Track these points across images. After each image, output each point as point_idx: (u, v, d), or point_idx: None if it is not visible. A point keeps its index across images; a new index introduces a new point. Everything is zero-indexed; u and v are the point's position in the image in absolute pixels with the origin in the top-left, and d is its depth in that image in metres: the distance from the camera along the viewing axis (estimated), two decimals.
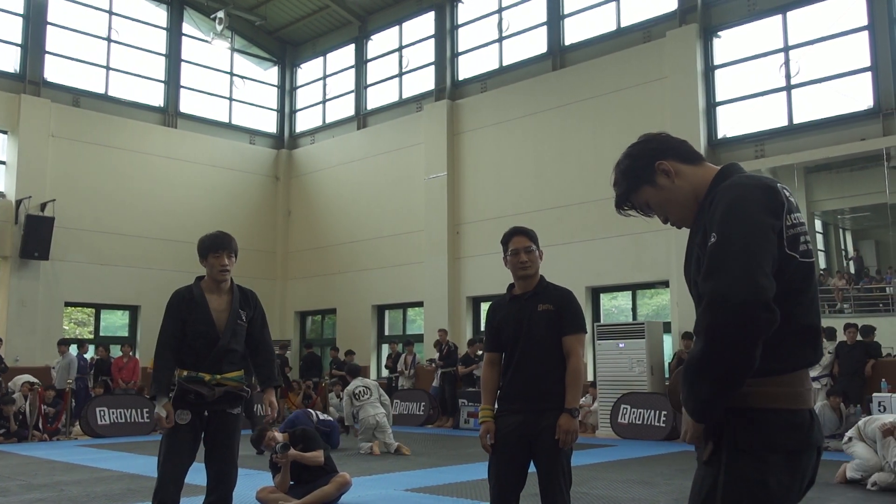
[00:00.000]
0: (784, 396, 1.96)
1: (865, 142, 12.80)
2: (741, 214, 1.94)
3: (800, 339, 2.00)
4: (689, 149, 2.24)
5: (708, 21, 14.59)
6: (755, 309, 1.82)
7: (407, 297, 18.53)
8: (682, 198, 2.19)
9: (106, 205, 18.20)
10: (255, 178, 21.17)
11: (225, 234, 4.60)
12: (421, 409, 15.71)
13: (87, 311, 18.79)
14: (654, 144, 2.25)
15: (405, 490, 7.63)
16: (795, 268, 1.98)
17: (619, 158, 2.31)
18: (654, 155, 2.21)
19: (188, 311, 4.50)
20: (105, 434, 13.59)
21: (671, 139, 2.26)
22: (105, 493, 7.56)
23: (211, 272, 4.56)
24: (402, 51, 19.81)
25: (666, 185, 2.19)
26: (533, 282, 4.06)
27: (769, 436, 1.94)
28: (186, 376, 4.39)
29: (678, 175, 2.18)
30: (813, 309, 2.04)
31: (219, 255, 4.52)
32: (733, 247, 1.89)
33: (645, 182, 2.22)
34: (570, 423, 3.75)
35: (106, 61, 19.08)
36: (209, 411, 4.41)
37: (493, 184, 17.14)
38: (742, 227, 1.92)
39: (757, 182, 2.04)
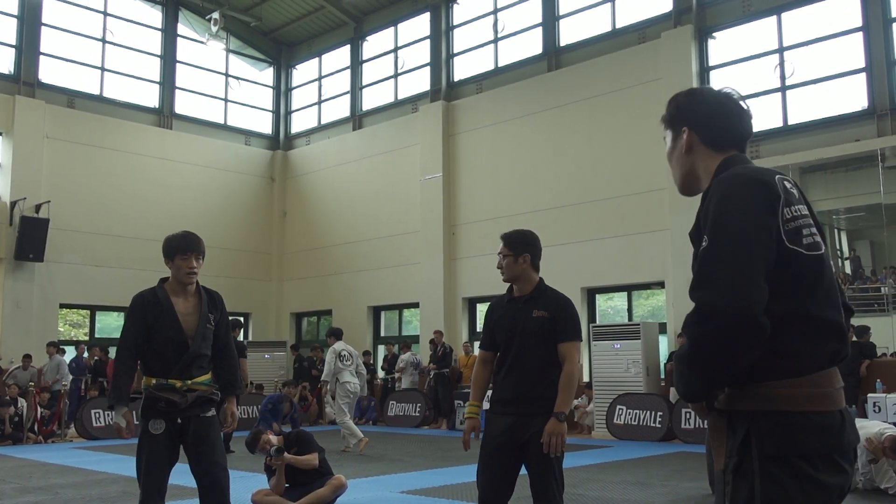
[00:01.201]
0: (810, 398, 1.87)
1: (860, 142, 12.83)
2: (731, 216, 1.88)
3: (820, 335, 1.91)
4: (723, 132, 2.12)
5: (703, 22, 14.61)
6: (741, 325, 1.79)
7: (403, 298, 18.52)
8: (686, 171, 2.19)
9: (101, 206, 18.17)
10: (251, 179, 21.15)
11: (193, 235, 4.45)
12: (416, 410, 15.71)
13: (83, 312, 18.75)
14: (698, 110, 2.16)
15: (401, 492, 7.62)
16: (802, 262, 1.91)
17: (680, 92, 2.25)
18: (687, 119, 2.17)
19: (154, 315, 4.29)
20: (100, 436, 13.56)
21: (716, 115, 2.13)
22: (100, 496, 7.54)
23: (177, 274, 4.36)
24: (397, 52, 19.80)
25: (678, 149, 2.19)
26: (528, 286, 4.05)
27: (798, 440, 1.85)
28: (156, 384, 4.22)
29: (692, 151, 2.16)
30: (830, 303, 1.95)
31: (187, 256, 4.34)
32: (722, 255, 1.85)
33: (671, 129, 2.22)
34: (557, 427, 3.73)
35: (101, 62, 19.04)
36: (182, 418, 4.26)
37: (488, 185, 17.14)
38: (731, 231, 1.87)
39: (749, 176, 1.96)
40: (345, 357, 11.45)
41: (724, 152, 2.11)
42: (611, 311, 16.08)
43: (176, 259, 4.34)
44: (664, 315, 14.52)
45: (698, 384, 1.89)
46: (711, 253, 1.88)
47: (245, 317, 20.57)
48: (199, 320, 4.36)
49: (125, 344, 4.27)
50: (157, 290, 4.40)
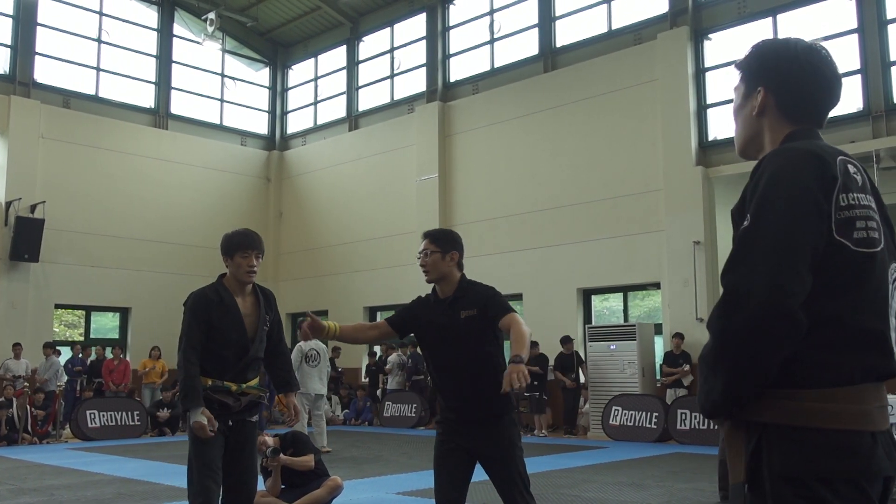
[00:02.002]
0: (831, 414, 1.64)
1: (855, 144, 12.84)
2: (780, 194, 1.67)
3: (852, 344, 1.68)
4: (802, 101, 1.87)
5: (699, 23, 14.63)
6: (775, 316, 1.59)
7: (399, 298, 18.39)
8: (751, 135, 1.95)
9: (96, 207, 18.13)
10: (247, 179, 21.13)
11: (254, 233, 4.34)
12: (412, 411, 15.70)
13: (78, 313, 18.72)
14: (783, 69, 1.87)
15: (397, 493, 7.62)
16: (846, 258, 1.68)
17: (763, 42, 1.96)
18: (768, 78, 1.89)
19: (218, 315, 4.15)
20: (96, 437, 13.54)
21: (801, 80, 1.86)
22: (95, 498, 7.53)
23: (236, 272, 4.24)
24: (393, 52, 19.80)
25: (749, 109, 1.93)
26: (451, 286, 3.92)
27: (814, 460, 1.63)
28: (212, 385, 4.10)
29: (764, 115, 1.90)
30: (874, 309, 1.71)
31: (247, 254, 4.22)
32: (764, 237, 1.64)
33: (745, 83, 1.96)
34: (517, 367, 3.36)
35: (96, 62, 19.00)
36: (233, 421, 4.18)
37: (484, 185, 17.14)
38: (778, 211, 1.65)
39: (808, 151, 1.74)
40: (311, 357, 11.25)
41: (798, 123, 1.87)
42: (606, 312, 16.10)
43: (236, 257, 4.22)
44: (660, 316, 14.54)
45: (720, 392, 1.67)
46: (752, 233, 1.67)
47: None
48: (257, 322, 4.26)
49: (191, 344, 4.11)
50: (218, 288, 4.26)
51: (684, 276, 13.75)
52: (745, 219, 1.72)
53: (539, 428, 13.59)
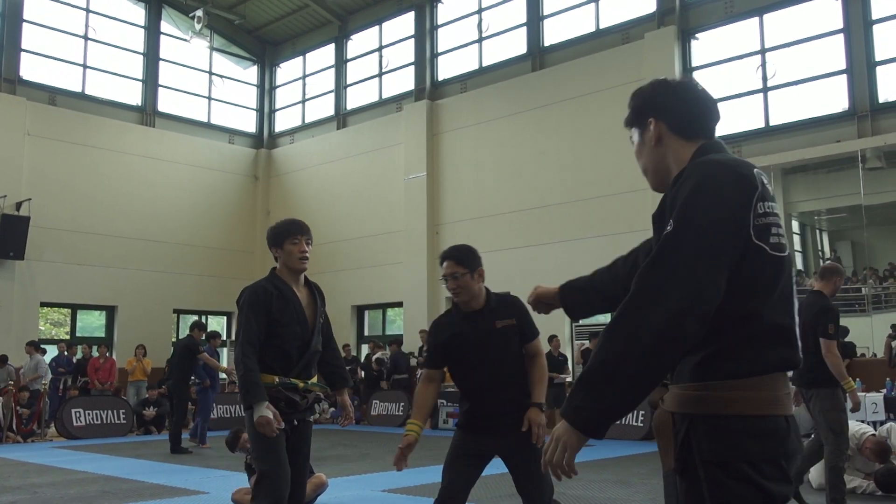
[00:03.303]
0: (752, 401, 1.77)
1: (841, 143, 12.93)
2: (702, 204, 1.77)
3: (770, 339, 1.81)
4: (691, 117, 2.01)
5: (686, 23, 14.68)
6: (689, 320, 1.70)
7: (386, 297, 18.51)
8: (657, 164, 2.07)
9: (82, 204, 18.03)
10: (234, 177, 21.06)
11: (300, 220, 4.21)
12: (400, 409, 15.69)
13: (64, 311, 18.61)
14: (663, 98, 2.05)
15: (382, 491, 7.61)
16: (763, 261, 1.80)
17: (643, 86, 2.14)
18: (653, 109, 2.05)
19: (279, 308, 3.94)
20: (81, 436, 13.47)
21: (682, 101, 2.02)
22: (79, 495, 7.48)
23: (288, 261, 4.05)
24: (381, 51, 19.78)
25: (647, 141, 2.07)
26: (478, 299, 3.93)
27: (740, 445, 1.75)
28: (280, 383, 3.91)
29: (661, 142, 2.03)
30: (784, 308, 1.85)
31: (297, 240, 4.06)
32: (686, 244, 1.74)
33: (636, 125, 2.11)
34: (539, 416, 3.75)
35: (83, 60, 18.91)
36: (297, 420, 3.99)
37: (472, 184, 17.15)
38: (700, 221, 1.76)
39: (728, 164, 1.85)
40: None
41: (697, 140, 1.99)
42: None
43: (286, 245, 4.06)
44: None
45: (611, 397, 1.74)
46: (674, 239, 1.76)
47: (228, 315, 20.49)
48: (315, 314, 4.12)
49: (249, 339, 3.88)
50: (273, 280, 4.07)
51: None
52: (667, 224, 1.81)
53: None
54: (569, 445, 1.79)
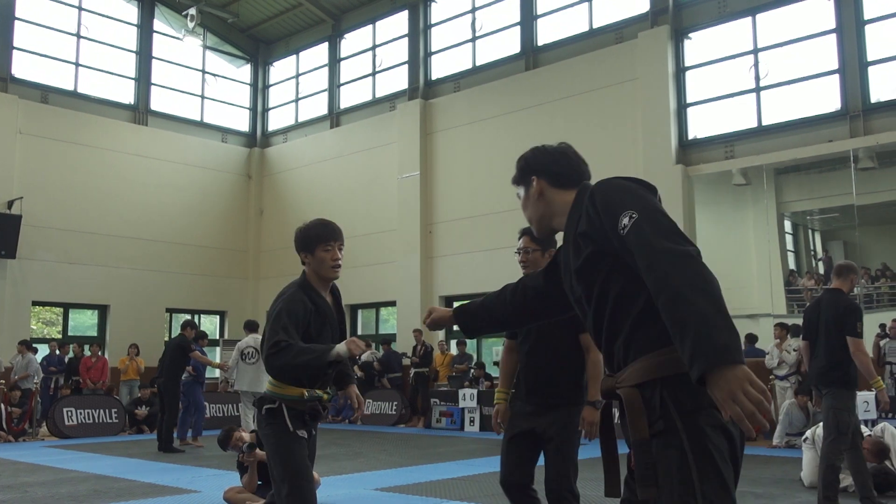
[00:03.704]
0: None
1: (833, 143, 12.96)
2: (633, 195, 2.12)
3: None
4: (564, 173, 2.45)
5: (679, 22, 14.70)
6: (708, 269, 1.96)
7: (380, 296, 18.49)
8: (538, 214, 2.49)
9: (75, 203, 17.97)
10: (227, 176, 21.02)
11: (332, 222, 3.94)
12: (393, 408, 15.69)
13: (56, 310, 18.54)
14: (539, 160, 2.50)
15: (375, 489, 7.61)
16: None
17: (525, 152, 2.57)
18: (535, 170, 2.49)
19: (317, 326, 3.73)
20: (72, 435, 13.42)
21: (555, 162, 2.48)
22: (70, 495, 7.46)
23: (319, 269, 3.82)
24: (375, 50, 19.76)
25: (532, 196, 2.49)
26: None
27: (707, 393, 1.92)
28: (308, 396, 3.74)
29: (542, 196, 2.46)
30: None
31: (331, 247, 3.82)
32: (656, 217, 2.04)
33: (523, 183, 2.55)
34: (594, 415, 3.86)
35: (75, 58, 18.83)
36: (314, 429, 3.88)
37: (465, 183, 17.14)
38: (645, 203, 2.09)
39: (624, 177, 2.26)
40: (248, 354, 11.03)
41: (571, 188, 2.41)
42: None
43: (317, 251, 3.80)
44: None
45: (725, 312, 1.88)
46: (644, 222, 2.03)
47: (221, 315, 20.46)
48: (341, 322, 3.96)
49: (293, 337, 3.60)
50: (308, 292, 3.79)
51: None
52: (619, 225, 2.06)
53: None
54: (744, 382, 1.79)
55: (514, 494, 3.93)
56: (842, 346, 5.84)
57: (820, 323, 6.08)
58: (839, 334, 5.86)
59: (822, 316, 6.08)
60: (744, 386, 1.78)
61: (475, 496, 7.10)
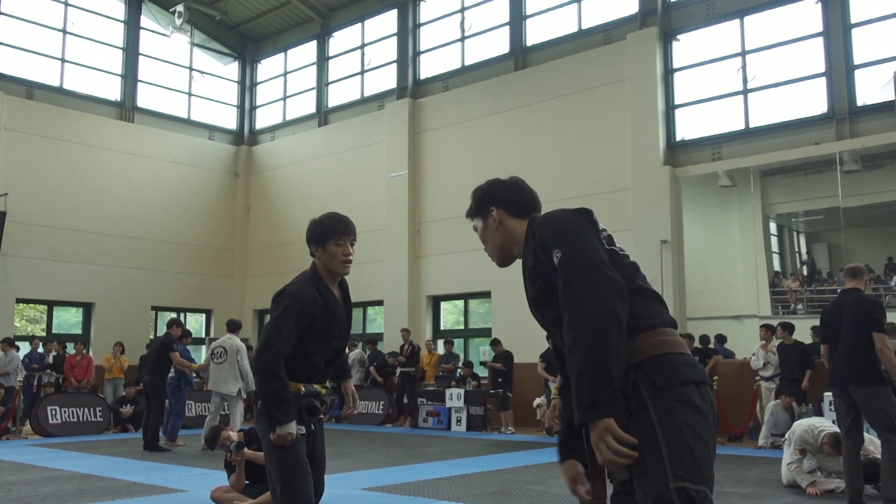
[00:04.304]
0: (673, 343, 2.27)
1: (819, 146, 13.04)
2: (570, 229, 2.34)
3: (659, 301, 2.38)
4: (521, 202, 2.64)
5: (668, 24, 14.75)
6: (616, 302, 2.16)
7: (367, 295, 18.43)
8: (498, 243, 2.64)
9: (60, 200, 17.85)
10: (214, 174, 20.92)
11: (345, 217, 3.87)
12: (380, 408, 15.67)
13: (40, 307, 18.41)
14: (497, 191, 2.67)
15: (362, 489, 7.59)
16: (620, 257, 2.41)
17: (480, 185, 2.73)
18: (494, 200, 2.65)
19: (323, 320, 3.68)
20: (56, 433, 13.33)
21: (513, 192, 2.67)
22: (55, 493, 7.40)
23: (329, 263, 3.75)
24: (363, 48, 19.73)
25: (491, 226, 2.63)
26: None
27: (679, 372, 2.20)
28: (305, 391, 3.70)
29: (501, 224, 2.62)
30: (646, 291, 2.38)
31: (342, 241, 3.75)
32: (578, 254, 2.25)
33: (479, 216, 2.67)
34: None
35: (61, 54, 18.70)
36: (314, 424, 3.85)
37: (454, 183, 17.12)
38: (573, 235, 2.31)
39: (564, 209, 2.47)
40: (217, 354, 10.93)
41: (527, 217, 2.59)
42: None
43: (329, 245, 3.74)
44: None
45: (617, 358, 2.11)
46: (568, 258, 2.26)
47: (207, 313, 20.37)
48: (348, 318, 3.90)
49: (280, 351, 3.57)
50: (318, 285, 3.74)
51: (651, 274, 13.82)
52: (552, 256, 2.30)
53: (505, 425, 13.62)
54: (605, 434, 2.10)
55: None
56: (871, 342, 5.84)
57: (843, 322, 6.05)
58: (868, 330, 5.86)
59: (845, 315, 6.06)
60: (604, 438, 2.09)
61: (462, 496, 7.09)
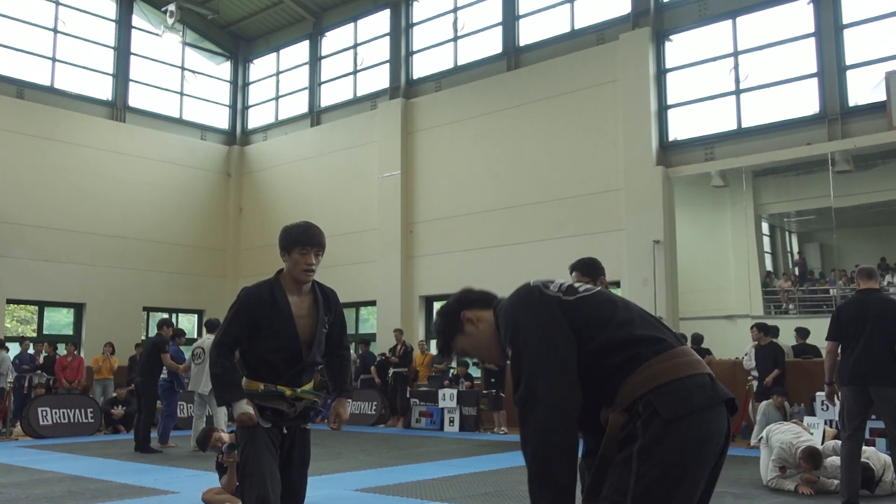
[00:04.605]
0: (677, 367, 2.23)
1: (811, 146, 13.07)
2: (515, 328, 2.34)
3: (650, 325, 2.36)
4: (483, 296, 2.60)
5: (660, 25, 14.76)
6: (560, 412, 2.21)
7: (360, 296, 18.42)
8: (487, 338, 2.54)
9: (51, 200, 17.76)
10: (207, 174, 20.85)
11: (316, 227, 4.00)
12: (373, 408, 15.63)
13: (31, 308, 18.32)
14: (459, 299, 2.61)
15: (355, 490, 7.56)
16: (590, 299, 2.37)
17: (434, 319, 2.67)
18: (459, 307, 2.58)
19: (269, 318, 3.82)
20: (47, 435, 13.25)
21: (470, 293, 2.63)
22: (45, 495, 7.36)
23: (293, 270, 3.91)
24: (356, 48, 19.69)
25: (472, 331, 2.55)
26: None
27: (688, 399, 2.18)
28: (264, 390, 3.80)
29: (480, 320, 2.54)
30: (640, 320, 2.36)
31: (306, 251, 3.89)
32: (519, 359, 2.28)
33: (456, 332, 2.57)
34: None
35: (52, 53, 18.61)
36: (287, 428, 3.89)
37: (446, 183, 17.13)
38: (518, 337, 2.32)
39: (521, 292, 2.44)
40: (196, 355, 10.94)
41: (492, 305, 2.56)
42: None
43: (293, 253, 3.89)
44: None
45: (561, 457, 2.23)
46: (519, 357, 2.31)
47: (199, 314, 20.30)
48: (315, 325, 3.94)
49: (225, 340, 3.84)
50: (273, 286, 3.93)
51: (644, 274, 13.87)
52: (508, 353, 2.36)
53: (498, 425, 13.60)
54: None
55: None
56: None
57: (868, 322, 5.97)
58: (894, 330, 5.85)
59: (870, 315, 5.99)
60: None
61: (455, 497, 7.08)
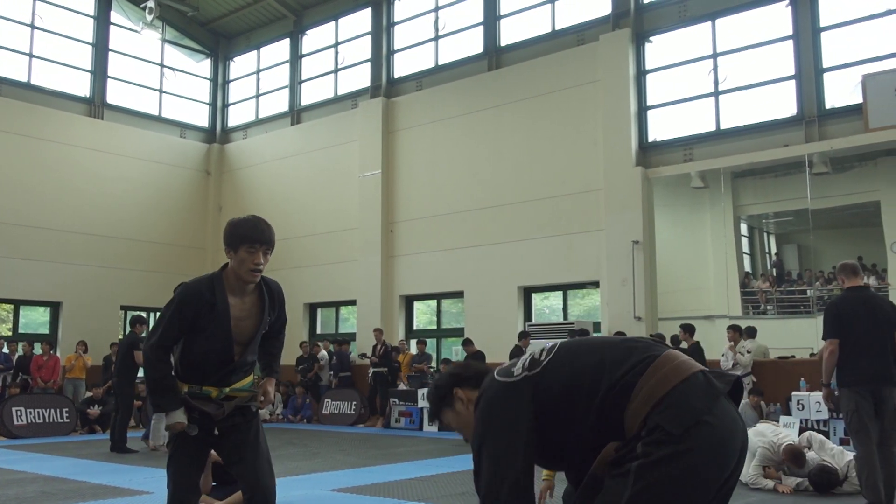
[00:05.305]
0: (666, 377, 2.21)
1: (788, 148, 13.17)
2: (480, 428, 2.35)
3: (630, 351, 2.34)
4: (478, 374, 2.56)
5: (640, 26, 14.82)
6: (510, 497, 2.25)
7: (340, 295, 18.37)
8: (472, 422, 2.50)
9: (27, 197, 17.56)
10: (186, 172, 20.71)
11: (264, 223, 3.67)
12: (352, 408, 15.60)
13: (6, 307, 18.10)
14: (454, 374, 2.62)
15: (332, 490, 7.53)
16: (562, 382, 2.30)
17: (429, 387, 2.73)
18: (453, 383, 2.59)
19: (206, 320, 3.57)
20: (22, 435, 13.12)
21: (467, 369, 2.63)
22: (17, 496, 7.27)
23: (239, 269, 3.61)
24: (337, 47, 19.63)
25: (461, 410, 2.56)
26: None
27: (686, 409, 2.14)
28: (188, 391, 3.63)
29: (470, 401, 2.53)
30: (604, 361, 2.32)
31: (254, 250, 3.58)
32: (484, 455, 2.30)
33: (446, 406, 2.60)
34: None
35: (29, 48, 18.40)
36: (218, 428, 3.69)
37: (427, 182, 17.11)
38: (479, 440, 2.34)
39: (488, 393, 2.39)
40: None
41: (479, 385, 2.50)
42: (546, 311, 16.21)
43: (240, 251, 3.59)
44: (599, 314, 14.70)
45: None
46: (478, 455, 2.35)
47: None
48: (254, 327, 3.71)
49: (163, 342, 3.59)
50: (215, 284, 3.64)
51: (623, 275, 13.92)
52: None
53: None
54: None
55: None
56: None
57: (870, 321, 5.84)
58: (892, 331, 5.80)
59: (869, 314, 5.87)
60: None
61: (433, 497, 7.06)
